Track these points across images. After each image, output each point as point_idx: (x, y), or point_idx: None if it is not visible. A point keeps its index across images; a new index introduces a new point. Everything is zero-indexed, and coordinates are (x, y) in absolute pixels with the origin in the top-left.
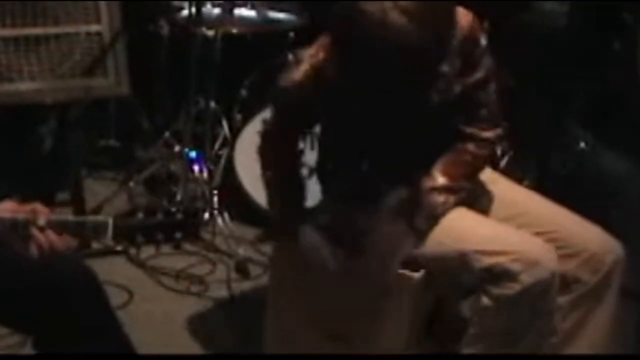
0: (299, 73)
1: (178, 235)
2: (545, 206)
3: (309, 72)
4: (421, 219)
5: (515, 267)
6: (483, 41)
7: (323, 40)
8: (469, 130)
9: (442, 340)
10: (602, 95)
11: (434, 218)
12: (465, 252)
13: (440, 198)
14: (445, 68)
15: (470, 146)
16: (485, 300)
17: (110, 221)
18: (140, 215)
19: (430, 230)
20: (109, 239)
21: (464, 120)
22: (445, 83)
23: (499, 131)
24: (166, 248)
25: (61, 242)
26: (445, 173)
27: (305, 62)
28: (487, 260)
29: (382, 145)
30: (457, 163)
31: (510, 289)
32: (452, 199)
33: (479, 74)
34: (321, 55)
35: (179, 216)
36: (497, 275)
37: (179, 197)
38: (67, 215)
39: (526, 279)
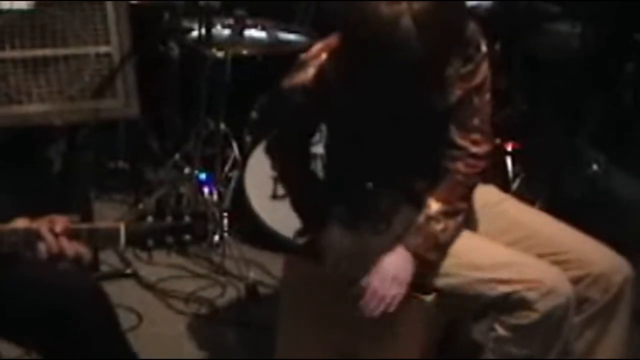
0: (303, 75)
1: (187, 238)
2: (552, 227)
3: (314, 74)
4: (429, 251)
5: (531, 295)
6: (484, 47)
7: (324, 42)
8: (460, 142)
9: None
10: (615, 117)
11: (440, 247)
12: (479, 280)
13: (439, 226)
14: (448, 71)
15: (460, 165)
16: (501, 330)
17: (122, 227)
18: (150, 219)
19: (441, 259)
20: (122, 246)
21: (456, 127)
22: (448, 86)
23: (487, 148)
24: (176, 270)
25: (73, 248)
26: (439, 198)
27: (309, 64)
28: (502, 289)
29: (385, 153)
30: (449, 186)
31: (526, 318)
32: (451, 223)
33: (477, 79)
34: (323, 56)
35: (188, 219)
36: (513, 303)
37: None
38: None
39: (542, 307)
